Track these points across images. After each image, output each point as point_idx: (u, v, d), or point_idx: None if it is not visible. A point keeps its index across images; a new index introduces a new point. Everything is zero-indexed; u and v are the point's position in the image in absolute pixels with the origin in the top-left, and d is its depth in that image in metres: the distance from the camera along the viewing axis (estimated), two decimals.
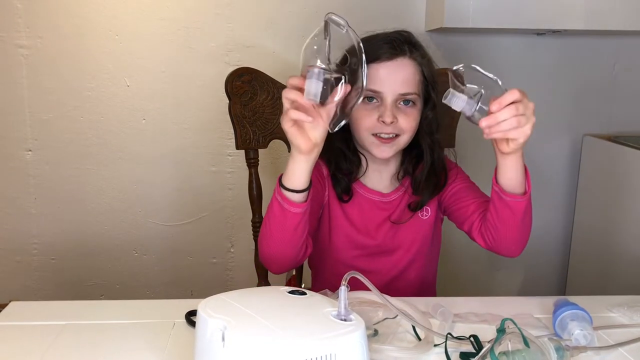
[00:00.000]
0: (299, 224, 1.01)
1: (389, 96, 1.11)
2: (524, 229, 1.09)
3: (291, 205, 0.99)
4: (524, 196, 1.03)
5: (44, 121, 1.91)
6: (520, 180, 1.02)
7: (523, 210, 1.04)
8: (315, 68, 0.87)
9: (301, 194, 1.00)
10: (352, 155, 1.20)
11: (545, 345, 0.79)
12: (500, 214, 1.06)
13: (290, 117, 0.92)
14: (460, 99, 0.91)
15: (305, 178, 0.99)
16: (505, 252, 1.12)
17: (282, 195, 1.00)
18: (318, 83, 0.86)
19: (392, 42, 1.13)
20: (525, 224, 1.07)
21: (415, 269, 1.24)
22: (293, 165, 0.99)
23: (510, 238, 1.09)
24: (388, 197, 1.22)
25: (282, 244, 1.03)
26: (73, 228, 1.99)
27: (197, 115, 1.95)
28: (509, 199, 1.03)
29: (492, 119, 0.91)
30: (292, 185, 0.99)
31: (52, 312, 0.99)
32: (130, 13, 1.87)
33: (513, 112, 0.91)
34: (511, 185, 1.02)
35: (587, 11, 1.75)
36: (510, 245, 1.10)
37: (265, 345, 0.68)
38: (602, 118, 2.08)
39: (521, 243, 1.11)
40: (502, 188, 1.02)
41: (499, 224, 1.08)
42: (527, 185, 1.03)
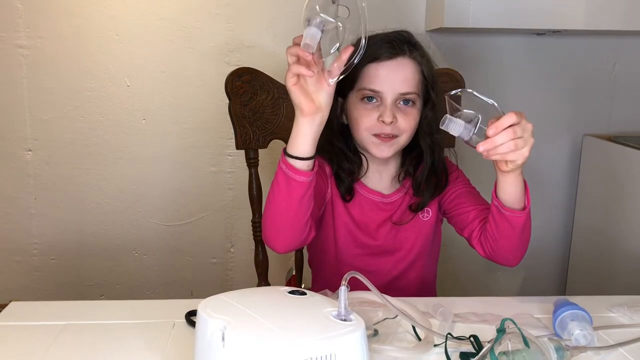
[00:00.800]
0: (305, 194, 0.98)
1: (389, 96, 1.11)
2: (523, 241, 1.09)
3: (297, 173, 0.97)
4: (523, 211, 1.03)
5: (44, 121, 1.91)
6: (520, 196, 1.02)
7: (522, 225, 1.05)
8: (317, 17, 0.86)
9: (307, 162, 0.97)
10: (352, 155, 1.20)
11: (545, 345, 0.79)
12: (499, 227, 1.07)
13: (292, 71, 0.92)
14: (457, 124, 0.92)
15: (311, 145, 0.97)
16: (503, 262, 1.13)
17: (287, 163, 0.97)
18: (317, 31, 0.87)
19: (391, 41, 1.13)
20: (524, 237, 1.08)
21: (416, 270, 1.24)
22: (297, 130, 0.97)
23: (509, 250, 1.10)
24: (389, 198, 1.22)
25: (287, 216, 1.00)
26: (73, 228, 1.99)
27: (197, 115, 1.95)
28: (508, 213, 1.03)
29: (490, 143, 0.91)
30: (297, 152, 0.97)
31: (52, 312, 0.99)
32: (130, 13, 1.87)
33: (510, 135, 0.91)
34: (510, 201, 1.03)
35: (587, 11, 1.75)
36: (509, 256, 1.11)
37: (265, 345, 0.68)
38: (602, 118, 2.08)
39: (519, 254, 1.12)
40: (502, 203, 1.03)
41: (498, 236, 1.08)
42: (526, 201, 1.03)
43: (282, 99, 1.39)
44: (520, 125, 0.93)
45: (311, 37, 0.87)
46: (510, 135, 0.91)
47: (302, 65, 0.91)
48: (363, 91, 1.13)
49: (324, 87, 0.95)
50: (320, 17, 0.87)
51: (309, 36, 0.88)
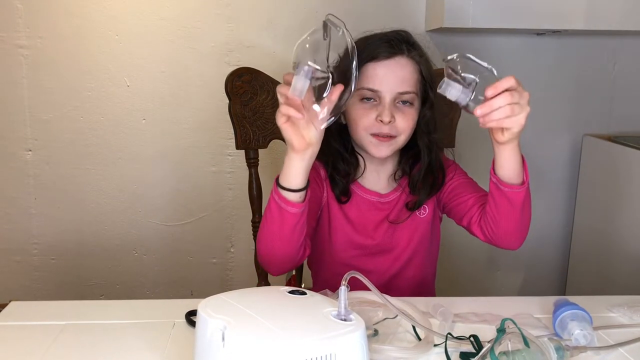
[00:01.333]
0: (297, 224, 1.01)
1: (387, 95, 1.11)
2: (523, 220, 1.08)
3: (288, 204, 0.99)
4: (522, 186, 1.03)
5: (44, 121, 1.91)
6: (518, 171, 1.02)
7: (522, 201, 1.04)
8: (305, 65, 0.87)
9: (298, 194, 0.99)
10: (349, 156, 1.20)
11: (545, 345, 0.79)
12: (498, 206, 1.06)
13: (282, 112, 0.92)
14: (455, 88, 0.92)
15: (302, 177, 0.99)
16: (505, 244, 1.12)
17: (279, 195, 0.99)
18: (305, 80, 0.87)
19: (390, 41, 1.13)
20: (524, 215, 1.07)
21: (414, 267, 1.24)
22: (289, 164, 0.99)
23: (510, 230, 1.09)
24: (386, 198, 1.22)
25: (280, 244, 1.03)
26: (73, 228, 1.99)
27: (197, 115, 1.95)
28: (507, 189, 1.03)
29: (487, 106, 0.91)
30: (288, 184, 0.99)
31: (52, 312, 0.99)
32: (130, 13, 1.87)
33: (508, 99, 0.91)
34: (508, 176, 1.02)
35: (587, 11, 1.75)
36: (510, 237, 1.10)
37: (265, 345, 0.68)
38: (602, 118, 2.08)
39: (521, 235, 1.11)
40: (500, 179, 1.03)
41: (497, 216, 1.08)
42: (525, 176, 1.03)
43: None
44: (518, 90, 0.93)
45: (300, 89, 0.88)
46: (508, 100, 0.91)
47: (293, 105, 0.92)
48: (361, 91, 1.13)
49: (314, 124, 0.95)
50: (309, 66, 0.88)
51: (298, 87, 0.88)
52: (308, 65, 0.88)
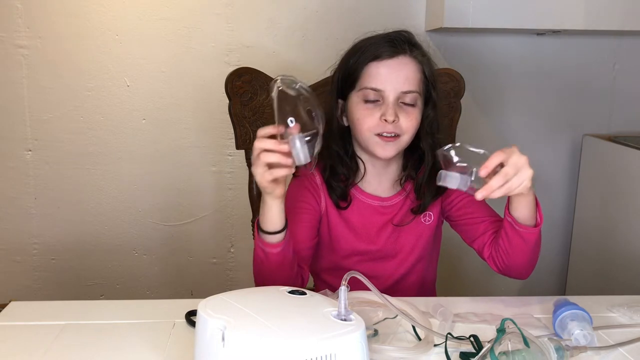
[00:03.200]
0: (284, 260, 1.03)
1: (391, 94, 1.11)
2: (535, 255, 1.11)
3: (268, 246, 1.02)
4: (536, 228, 1.05)
5: (44, 121, 1.91)
6: (532, 214, 1.04)
7: (535, 240, 1.06)
8: (296, 138, 0.90)
9: (280, 234, 1.02)
10: (349, 160, 1.19)
11: (545, 345, 0.79)
12: (512, 243, 1.08)
13: (274, 175, 0.93)
14: (454, 177, 0.93)
15: (281, 219, 1.02)
16: (516, 275, 1.14)
17: (262, 240, 1.03)
18: (303, 147, 0.90)
19: (393, 40, 1.13)
20: (536, 251, 1.10)
21: (417, 273, 1.24)
22: (269, 210, 1.00)
23: (522, 264, 1.11)
24: (388, 202, 1.21)
25: (274, 281, 1.04)
26: (73, 228, 1.99)
27: (197, 115, 1.95)
28: (522, 230, 1.05)
29: (486, 190, 0.93)
30: (273, 227, 1.02)
31: (52, 312, 0.99)
32: (130, 13, 1.87)
33: (501, 180, 0.93)
34: (523, 218, 1.04)
35: (587, 11, 1.75)
36: (521, 269, 1.13)
37: (265, 345, 0.68)
38: (602, 118, 2.08)
39: (531, 267, 1.13)
40: (515, 219, 1.04)
41: (510, 251, 1.09)
42: (539, 217, 1.05)
43: None
44: (510, 163, 0.94)
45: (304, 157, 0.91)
46: (501, 180, 0.93)
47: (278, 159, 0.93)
48: (365, 90, 1.12)
49: (291, 170, 0.96)
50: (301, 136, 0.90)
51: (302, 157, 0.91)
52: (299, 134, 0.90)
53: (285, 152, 0.91)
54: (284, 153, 0.91)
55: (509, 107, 2.03)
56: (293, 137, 0.89)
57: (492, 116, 2.02)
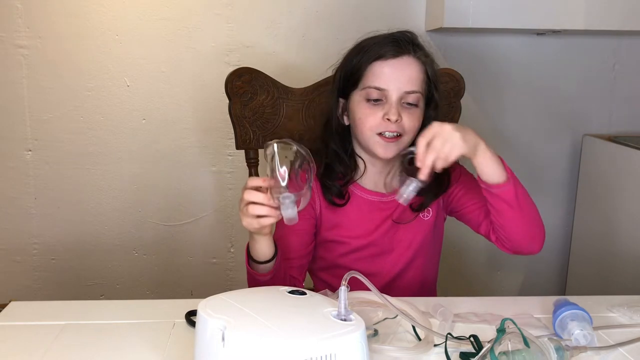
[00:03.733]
0: (274, 279, 1.06)
1: (394, 94, 1.11)
2: (529, 218, 1.09)
3: (259, 275, 1.05)
4: (508, 182, 1.04)
5: (44, 121, 1.91)
6: (498, 171, 1.04)
7: (514, 197, 1.05)
8: (286, 198, 0.91)
9: (268, 264, 1.05)
10: (348, 159, 1.19)
11: (545, 345, 0.80)
12: (497, 210, 1.07)
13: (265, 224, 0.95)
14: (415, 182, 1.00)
15: (271, 248, 1.04)
16: (523, 247, 1.12)
17: (251, 270, 1.06)
18: (293, 208, 0.92)
19: (397, 40, 1.13)
20: (526, 212, 1.08)
21: (415, 269, 1.24)
22: (258, 245, 1.03)
23: (520, 231, 1.10)
24: (388, 197, 1.21)
25: None
26: (73, 228, 1.99)
27: (197, 115, 1.95)
28: (495, 190, 1.05)
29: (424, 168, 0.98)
30: (264, 257, 1.04)
31: (52, 312, 0.99)
32: (130, 13, 1.87)
33: (433, 154, 0.98)
34: (492, 178, 1.04)
35: (587, 11, 1.75)
36: (524, 239, 1.11)
37: (265, 345, 0.68)
38: (602, 118, 2.08)
39: (533, 234, 1.11)
40: (487, 183, 1.05)
41: (501, 221, 1.09)
42: (507, 172, 1.05)
43: (282, 99, 1.39)
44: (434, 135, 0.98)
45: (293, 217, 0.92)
46: (433, 155, 0.98)
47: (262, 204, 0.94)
48: (368, 89, 1.13)
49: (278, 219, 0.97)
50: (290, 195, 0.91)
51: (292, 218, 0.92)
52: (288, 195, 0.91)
53: (274, 206, 0.93)
54: (272, 206, 0.93)
55: (509, 107, 2.03)
56: (284, 197, 0.91)
57: (492, 116, 2.02)
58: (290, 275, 1.16)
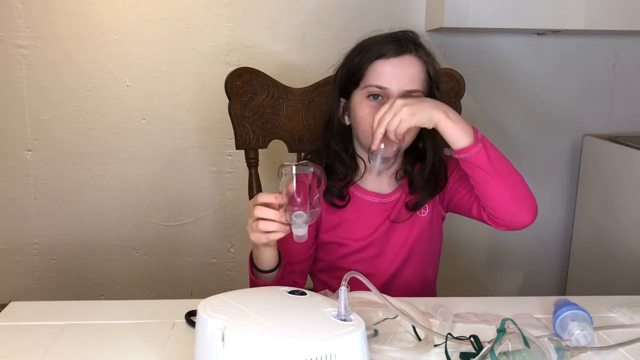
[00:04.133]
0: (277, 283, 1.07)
1: (395, 92, 1.11)
2: (510, 183, 1.08)
3: (261, 284, 1.07)
4: (476, 145, 1.05)
5: (44, 121, 1.91)
6: (462, 136, 1.05)
7: (486, 160, 1.05)
8: (299, 217, 0.92)
9: (272, 273, 1.06)
10: (349, 159, 1.19)
11: (545, 345, 0.79)
12: (475, 179, 1.08)
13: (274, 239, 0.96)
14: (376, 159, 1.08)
15: (275, 258, 1.05)
16: (514, 218, 1.10)
17: (253, 277, 1.07)
18: (305, 227, 0.93)
19: (399, 40, 1.13)
20: (505, 177, 1.08)
21: (412, 267, 1.23)
22: (263, 255, 1.04)
23: (502, 199, 1.08)
24: (388, 198, 1.21)
25: None
26: (73, 228, 1.99)
27: (197, 115, 1.95)
28: (464, 155, 1.05)
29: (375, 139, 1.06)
30: (268, 267, 1.05)
31: (52, 312, 0.99)
32: (130, 13, 1.87)
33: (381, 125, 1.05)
34: (458, 143, 1.06)
35: (587, 11, 1.75)
36: (508, 207, 1.09)
37: (265, 345, 0.68)
38: (602, 118, 2.08)
39: (520, 200, 1.09)
40: (456, 150, 1.06)
41: (482, 190, 1.08)
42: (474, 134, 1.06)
43: (282, 99, 1.39)
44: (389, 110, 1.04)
45: (303, 234, 0.93)
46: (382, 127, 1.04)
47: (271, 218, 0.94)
48: (369, 88, 1.13)
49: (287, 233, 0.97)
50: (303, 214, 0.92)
51: (303, 236, 0.93)
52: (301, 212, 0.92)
53: (284, 223, 0.94)
54: (282, 223, 0.94)
55: (509, 107, 2.03)
56: (297, 216, 0.92)
57: (492, 116, 2.02)
58: (292, 280, 1.16)
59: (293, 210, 0.91)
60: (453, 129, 1.04)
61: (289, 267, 1.13)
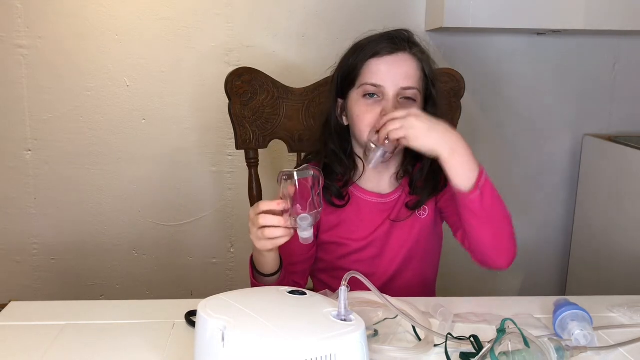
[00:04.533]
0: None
1: (391, 90, 1.11)
2: (496, 233, 1.07)
3: (265, 284, 1.06)
4: (473, 191, 1.02)
5: (44, 121, 1.91)
6: (464, 178, 1.03)
7: (479, 207, 1.03)
8: (304, 220, 0.92)
9: (274, 276, 1.06)
10: (347, 159, 1.19)
11: (545, 345, 0.79)
12: (463, 217, 1.07)
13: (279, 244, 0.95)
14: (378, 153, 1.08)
15: (277, 262, 1.05)
16: (490, 261, 1.10)
17: (255, 281, 1.07)
18: (310, 229, 0.93)
19: (392, 38, 1.14)
20: (493, 226, 1.07)
21: (412, 269, 1.23)
22: (265, 259, 1.04)
23: (484, 244, 1.08)
24: (387, 198, 1.21)
25: None
26: (73, 228, 1.99)
27: (197, 115, 1.95)
28: (461, 197, 1.04)
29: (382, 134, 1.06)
30: (270, 271, 1.06)
31: (52, 312, 0.99)
32: (130, 13, 1.87)
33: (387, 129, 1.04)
34: (459, 184, 1.04)
35: (587, 11, 1.75)
36: (488, 250, 1.09)
37: (265, 345, 0.68)
38: (602, 118, 2.08)
39: (501, 249, 1.09)
40: (456, 188, 1.04)
41: (467, 229, 1.08)
42: (477, 182, 1.03)
43: (282, 99, 1.39)
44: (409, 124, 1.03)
45: (309, 236, 0.94)
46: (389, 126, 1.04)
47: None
48: (365, 87, 1.13)
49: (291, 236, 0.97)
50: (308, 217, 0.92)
51: (309, 238, 0.94)
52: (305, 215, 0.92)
53: (289, 227, 0.94)
54: (287, 228, 0.94)
55: (509, 107, 2.03)
56: (301, 219, 0.92)
57: (492, 116, 2.02)
58: (293, 281, 1.16)
59: (298, 214, 0.91)
60: (453, 169, 1.03)
61: (290, 268, 1.13)
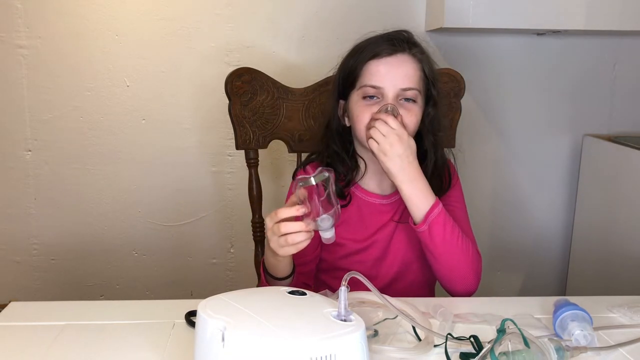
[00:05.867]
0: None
1: (390, 91, 1.11)
2: (448, 264, 1.12)
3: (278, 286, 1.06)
4: (421, 225, 1.09)
5: (44, 121, 1.91)
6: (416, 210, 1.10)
7: (428, 240, 1.10)
8: (325, 221, 0.93)
9: (287, 279, 1.07)
10: (349, 159, 1.19)
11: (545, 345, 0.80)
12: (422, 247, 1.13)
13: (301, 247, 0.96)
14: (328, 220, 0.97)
15: (291, 265, 1.07)
16: (445, 288, 1.17)
17: (269, 284, 1.08)
18: (332, 229, 0.94)
19: (392, 39, 1.14)
20: (446, 258, 1.11)
21: (415, 270, 1.23)
22: (280, 264, 1.05)
23: (437, 271, 1.15)
24: (389, 199, 1.21)
25: None
26: (73, 228, 1.99)
27: (197, 115, 1.95)
28: (414, 227, 1.11)
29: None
30: (283, 275, 1.07)
31: (52, 312, 0.99)
32: (130, 13, 1.87)
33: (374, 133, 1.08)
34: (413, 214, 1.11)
35: (587, 11, 1.75)
36: (441, 278, 1.15)
37: (265, 346, 0.68)
38: (602, 118, 2.08)
39: (453, 279, 1.14)
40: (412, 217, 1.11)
41: (427, 254, 1.14)
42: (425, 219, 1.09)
43: (282, 99, 1.39)
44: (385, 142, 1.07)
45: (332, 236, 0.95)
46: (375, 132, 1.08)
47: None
48: (364, 88, 1.13)
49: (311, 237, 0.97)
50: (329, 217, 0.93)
51: (331, 238, 0.95)
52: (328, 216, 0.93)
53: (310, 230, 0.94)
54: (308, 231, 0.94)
55: (509, 107, 2.03)
56: (322, 220, 0.93)
57: (492, 116, 2.02)
58: (303, 282, 1.16)
59: (319, 216, 0.92)
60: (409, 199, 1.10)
61: (299, 269, 1.13)
